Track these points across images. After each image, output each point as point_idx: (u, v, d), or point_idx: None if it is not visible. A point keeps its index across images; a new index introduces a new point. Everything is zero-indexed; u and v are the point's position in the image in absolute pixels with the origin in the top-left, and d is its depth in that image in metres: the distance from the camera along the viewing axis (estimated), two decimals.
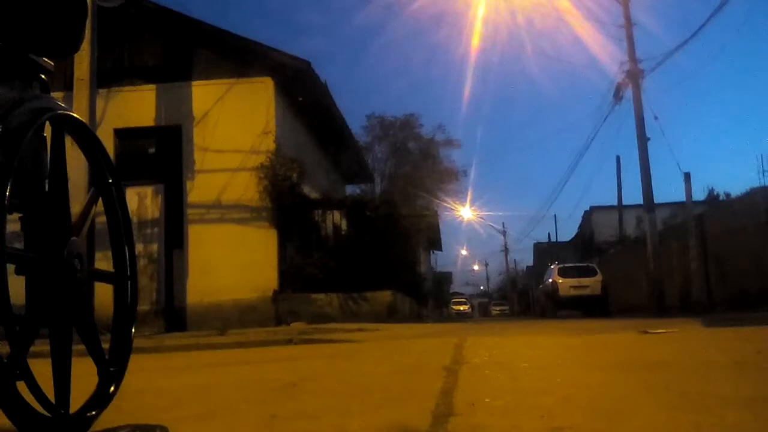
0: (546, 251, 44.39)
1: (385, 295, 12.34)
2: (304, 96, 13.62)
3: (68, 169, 1.68)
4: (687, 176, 15.27)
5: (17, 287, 1.51)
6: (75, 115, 1.76)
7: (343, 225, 13.89)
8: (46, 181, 1.65)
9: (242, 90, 12.43)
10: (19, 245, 1.57)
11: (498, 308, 59.83)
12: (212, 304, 11.60)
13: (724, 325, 6.82)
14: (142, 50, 13.04)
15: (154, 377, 3.57)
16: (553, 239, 46.42)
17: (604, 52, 19.98)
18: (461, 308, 54.47)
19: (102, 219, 1.94)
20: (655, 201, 16.59)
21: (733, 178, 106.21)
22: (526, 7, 20.51)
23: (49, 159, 1.65)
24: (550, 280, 22.55)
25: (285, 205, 12.16)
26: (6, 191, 1.37)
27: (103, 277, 1.96)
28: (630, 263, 22.62)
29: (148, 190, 12.33)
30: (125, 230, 1.97)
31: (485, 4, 19.28)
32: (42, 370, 1.51)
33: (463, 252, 69.62)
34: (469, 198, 34.92)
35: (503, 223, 59.28)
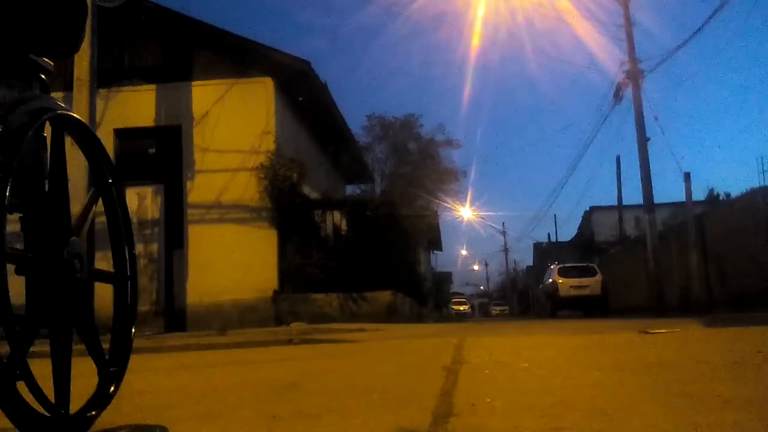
0: (546, 251, 44.40)
1: (385, 296, 12.34)
2: (304, 96, 13.63)
3: (68, 169, 1.68)
4: (687, 176, 15.27)
5: (17, 287, 1.51)
6: (75, 115, 1.76)
7: (343, 225, 13.89)
8: (46, 181, 1.65)
9: (242, 90, 12.44)
10: (19, 245, 1.57)
11: (498, 308, 59.80)
12: (212, 304, 11.61)
13: (724, 325, 6.81)
14: (142, 50, 13.04)
15: (154, 377, 3.57)
16: (553, 239, 46.45)
17: (604, 52, 20.01)
18: (461, 308, 54.39)
19: (102, 219, 1.94)
20: (655, 201, 16.59)
21: (733, 178, 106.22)
22: (526, 7, 20.51)
23: (49, 159, 1.65)
24: (550, 280, 22.54)
25: (285, 205, 12.16)
26: (6, 191, 1.37)
27: (103, 277, 1.96)
28: (630, 263, 22.62)
29: (148, 190, 12.33)
30: (125, 230, 1.97)
31: (485, 4, 19.32)
32: (42, 370, 1.51)
33: (463, 252, 69.65)
34: (469, 198, 34.99)
35: (503, 223, 59.42)
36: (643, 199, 16.55)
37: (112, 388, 1.78)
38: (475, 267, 79.64)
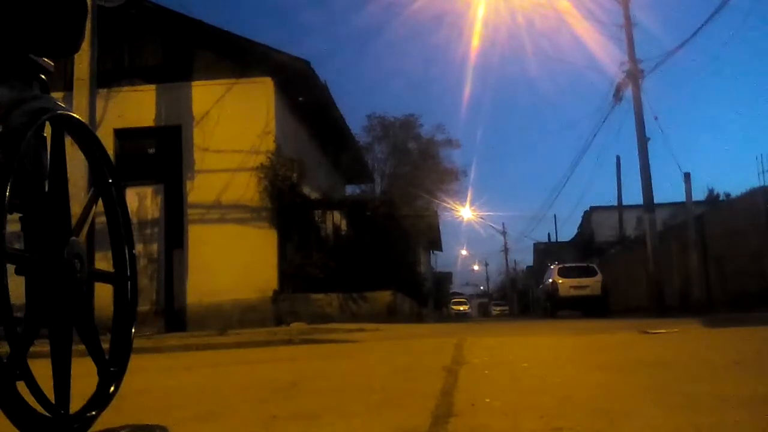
0: (546, 251, 44.36)
1: (385, 295, 12.34)
2: (304, 96, 13.62)
3: (68, 169, 1.68)
4: (687, 176, 15.25)
5: (17, 287, 1.51)
6: (75, 115, 1.76)
7: (343, 225, 13.89)
8: (46, 181, 1.65)
9: (242, 90, 12.43)
10: (19, 245, 1.57)
11: (498, 308, 59.80)
12: (212, 304, 11.60)
13: (724, 325, 6.81)
14: (142, 50, 13.03)
15: (154, 377, 3.58)
16: (553, 239, 46.42)
17: (604, 52, 19.91)
18: (461, 308, 54.43)
19: (102, 219, 1.94)
20: (655, 201, 16.58)
21: (733, 178, 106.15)
22: (526, 8, 20.46)
23: (49, 159, 1.65)
24: (550, 280, 22.52)
25: (285, 206, 12.16)
26: (6, 191, 1.37)
27: (103, 277, 1.96)
28: (630, 263, 22.62)
29: (148, 190, 12.32)
30: (125, 230, 1.97)
31: (485, 4, 19.26)
32: (42, 370, 1.51)
33: (463, 252, 69.50)
34: (469, 198, 34.93)
35: (503, 223, 59.14)
36: (643, 199, 16.54)
37: (112, 388, 1.78)
38: (475, 267, 79.60)
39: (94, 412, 1.68)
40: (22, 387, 1.39)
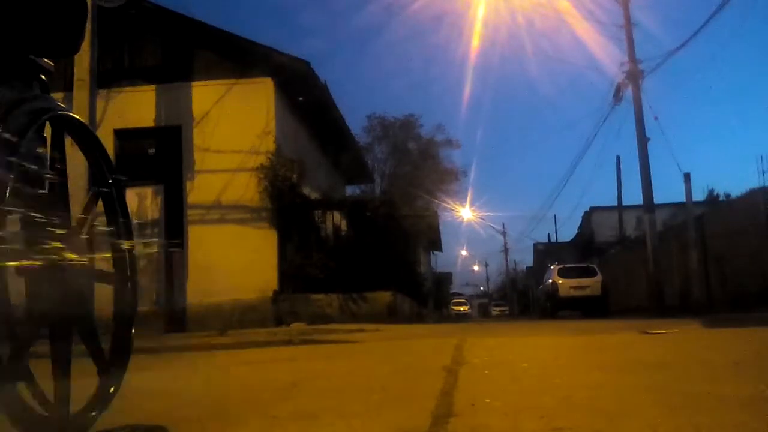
0: (546, 252, 44.37)
1: (385, 296, 12.34)
2: (304, 96, 13.62)
3: (68, 169, 1.68)
4: (687, 176, 15.24)
5: (17, 287, 1.51)
6: (75, 115, 1.76)
7: (343, 225, 13.89)
8: (46, 181, 1.65)
9: (242, 90, 12.43)
10: (18, 245, 1.57)
11: (498, 309, 59.79)
12: (212, 304, 11.59)
13: (723, 325, 6.81)
14: (142, 50, 13.03)
15: (154, 377, 3.57)
16: (553, 240, 46.40)
17: (604, 52, 19.89)
18: (461, 309, 54.42)
19: (102, 219, 1.94)
20: (655, 201, 16.58)
21: (733, 179, 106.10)
22: (526, 8, 20.44)
23: (49, 159, 1.65)
24: (550, 281, 22.51)
25: (285, 206, 12.16)
26: (6, 191, 1.37)
27: (103, 277, 1.96)
28: (630, 263, 22.63)
29: (148, 191, 12.32)
30: (125, 230, 1.97)
31: (485, 4, 19.24)
32: (42, 370, 1.51)
33: (463, 252, 69.42)
34: (469, 198, 34.86)
35: (503, 223, 59.03)
36: (643, 199, 16.55)
37: (112, 388, 1.78)
38: (475, 267, 79.53)
39: (94, 413, 1.68)
40: (21, 387, 1.39)
